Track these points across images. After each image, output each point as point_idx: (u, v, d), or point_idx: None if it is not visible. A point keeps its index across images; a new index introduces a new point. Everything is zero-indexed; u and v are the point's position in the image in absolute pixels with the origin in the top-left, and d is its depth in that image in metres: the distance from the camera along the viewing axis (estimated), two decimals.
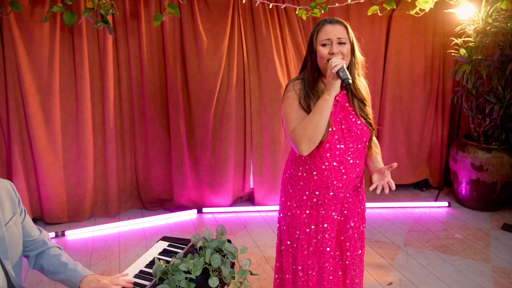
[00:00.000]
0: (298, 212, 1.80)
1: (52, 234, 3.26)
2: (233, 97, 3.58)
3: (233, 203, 3.89)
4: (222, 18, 3.45)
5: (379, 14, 3.30)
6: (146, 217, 3.60)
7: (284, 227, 1.86)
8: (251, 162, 3.78)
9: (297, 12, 3.25)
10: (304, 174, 1.77)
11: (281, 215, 1.88)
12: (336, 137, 1.69)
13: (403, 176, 4.18)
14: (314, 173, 1.74)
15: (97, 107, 3.43)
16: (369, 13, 3.24)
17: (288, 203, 1.83)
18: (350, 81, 1.53)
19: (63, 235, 3.29)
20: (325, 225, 1.78)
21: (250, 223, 3.54)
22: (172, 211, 3.73)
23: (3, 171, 3.33)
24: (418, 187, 4.28)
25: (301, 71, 1.81)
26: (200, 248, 1.50)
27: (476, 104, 3.69)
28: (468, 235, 3.27)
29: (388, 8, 3.23)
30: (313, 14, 3.14)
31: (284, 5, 3.36)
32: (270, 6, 3.36)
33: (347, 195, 1.79)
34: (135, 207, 3.82)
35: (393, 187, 1.65)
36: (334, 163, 1.71)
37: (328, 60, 1.63)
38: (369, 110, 1.79)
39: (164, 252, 1.62)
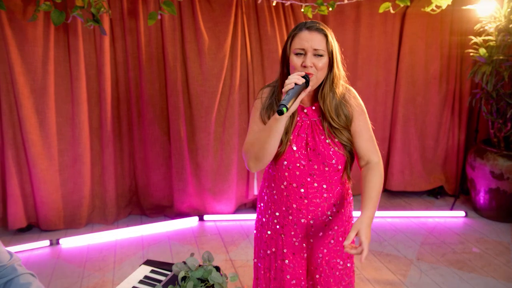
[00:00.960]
0: (261, 230, 1.66)
1: (47, 242, 3.13)
2: (236, 99, 3.40)
3: (236, 211, 3.71)
4: (224, 16, 3.27)
5: (392, 11, 3.07)
6: (145, 224, 3.45)
7: (254, 242, 1.73)
8: None
9: (302, 10, 3.04)
10: (267, 191, 1.62)
11: (255, 229, 1.74)
12: (296, 155, 1.48)
13: (416, 183, 3.95)
14: (274, 191, 1.57)
15: (94, 109, 3.29)
16: (381, 11, 3.02)
17: (258, 217, 1.70)
18: (284, 109, 1.22)
19: (57, 243, 3.16)
20: (285, 250, 1.60)
21: (253, 232, 3.35)
22: (172, 218, 3.57)
23: None
24: (433, 195, 4.05)
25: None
26: (183, 278, 1.32)
27: (496, 107, 3.44)
28: (487, 249, 3.04)
29: (402, 5, 3.01)
30: (320, 11, 2.93)
31: (288, 2, 3.15)
32: (274, 3, 3.16)
33: (311, 222, 1.56)
34: (134, 213, 3.67)
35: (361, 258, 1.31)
36: (294, 185, 1.51)
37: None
38: (346, 133, 1.50)
39: (145, 280, 1.45)
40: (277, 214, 1.58)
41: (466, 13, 3.44)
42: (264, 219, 1.65)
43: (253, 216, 3.61)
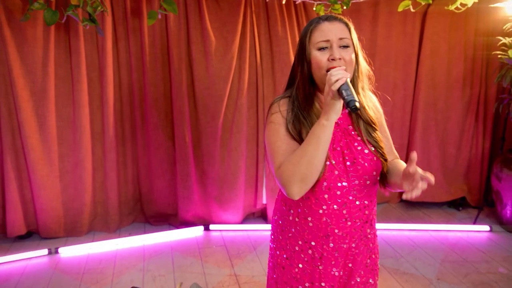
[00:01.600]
0: (289, 265, 1.39)
1: (45, 251, 3.01)
2: (244, 103, 3.22)
3: (244, 220, 3.53)
4: (233, 16, 3.09)
5: (412, 10, 2.85)
6: (148, 233, 3.30)
7: (273, 281, 1.45)
8: (264, 175, 3.41)
9: (314, 9, 2.84)
10: (296, 219, 1.36)
11: (270, 264, 1.48)
12: (336, 172, 1.28)
13: (436, 193, 3.71)
14: (309, 218, 1.33)
15: (96, 113, 3.15)
16: (400, 9, 2.79)
17: (278, 252, 1.42)
18: (358, 104, 1.09)
19: (56, 252, 3.03)
20: (323, 283, 1.37)
21: (261, 244, 3.18)
22: (177, 227, 3.41)
23: None
24: (454, 206, 3.79)
25: (288, 88, 1.39)
26: None
27: None
28: None
29: (423, 3, 2.78)
30: (334, 10, 2.72)
31: (299, 0, 2.95)
32: (284, 1, 2.97)
33: (353, 245, 1.36)
34: (138, 221, 3.52)
35: (431, 181, 1.14)
36: (335, 206, 1.30)
37: (327, 70, 1.21)
38: (379, 135, 1.36)
39: None
40: (313, 243, 1.34)
41: (494, 11, 3.19)
42: (287, 254, 1.39)
43: (261, 226, 3.42)
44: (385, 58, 3.46)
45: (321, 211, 1.31)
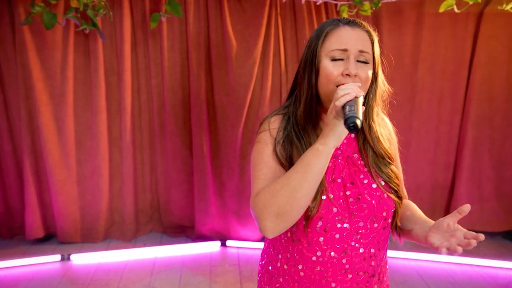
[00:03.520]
0: None
1: (58, 257, 2.97)
2: (266, 112, 2.97)
3: (263, 238, 3.28)
4: (256, 18, 2.86)
5: (456, 10, 2.42)
6: (163, 245, 3.16)
7: None
8: None
9: (338, 10, 2.52)
10: (285, 267, 1.10)
11: None
12: (335, 210, 1.02)
13: (488, 221, 3.21)
14: (300, 266, 1.07)
15: (114, 119, 3.07)
16: (441, 10, 2.39)
17: None
18: (359, 122, 0.84)
19: (68, 259, 2.99)
20: None
21: None
22: (194, 240, 3.25)
23: (15, 184, 3.13)
24: (510, 238, 3.26)
25: (289, 98, 1.15)
26: None
27: None
28: None
29: (471, 3, 2.36)
30: (362, 12, 2.39)
31: (320, 1, 2.63)
32: (303, 1, 2.67)
33: None
34: (156, 230, 3.40)
35: (480, 238, 0.87)
36: (332, 253, 1.03)
37: (337, 86, 0.98)
38: (394, 170, 1.09)
39: None
40: None
41: None
42: None
43: None
44: (430, 65, 3.04)
45: (314, 258, 1.05)
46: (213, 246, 3.18)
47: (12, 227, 3.26)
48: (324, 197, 1.01)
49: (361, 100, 0.91)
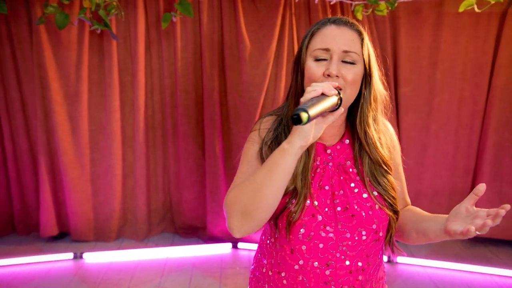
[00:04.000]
0: None
1: (71, 255, 3.00)
2: None
3: None
4: (270, 18, 2.82)
5: (476, 10, 2.33)
6: (175, 245, 3.15)
7: None
8: None
9: (353, 10, 2.46)
10: (270, 273, 1.08)
11: None
12: (320, 218, 0.98)
13: (510, 229, 3.09)
14: (283, 274, 1.04)
15: (128, 118, 3.08)
16: (461, 9, 2.30)
17: None
18: (304, 116, 0.77)
19: (81, 257, 3.01)
20: None
21: None
22: (205, 241, 3.23)
23: (31, 181, 3.18)
24: None
25: (287, 99, 1.12)
26: None
27: None
28: None
29: (492, 2, 2.26)
30: (378, 12, 2.32)
31: (334, 0, 2.57)
32: (316, 1, 2.61)
33: None
34: (168, 231, 3.40)
35: (502, 211, 0.81)
36: (315, 264, 0.99)
37: None
38: (391, 180, 1.04)
39: None
40: None
41: None
42: None
43: None
44: (450, 67, 2.94)
45: (297, 267, 1.01)
46: (224, 248, 3.15)
47: (28, 224, 3.31)
48: (308, 202, 0.98)
49: (332, 99, 0.86)
